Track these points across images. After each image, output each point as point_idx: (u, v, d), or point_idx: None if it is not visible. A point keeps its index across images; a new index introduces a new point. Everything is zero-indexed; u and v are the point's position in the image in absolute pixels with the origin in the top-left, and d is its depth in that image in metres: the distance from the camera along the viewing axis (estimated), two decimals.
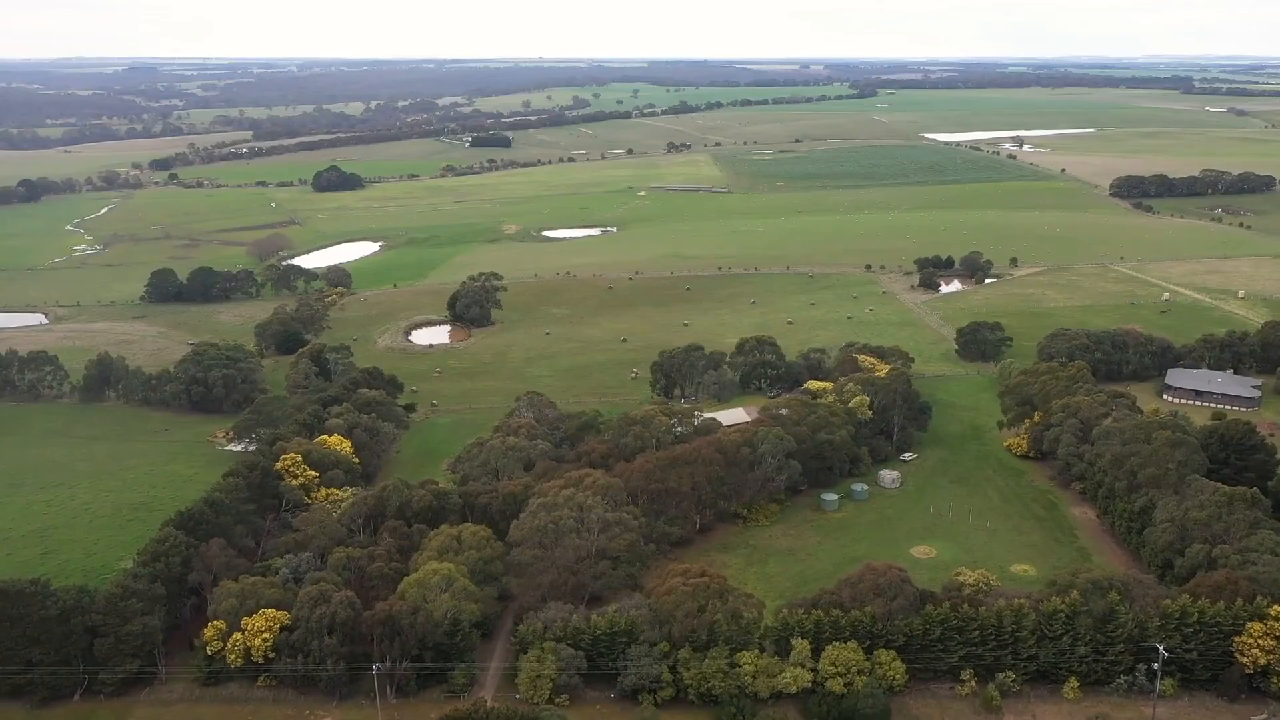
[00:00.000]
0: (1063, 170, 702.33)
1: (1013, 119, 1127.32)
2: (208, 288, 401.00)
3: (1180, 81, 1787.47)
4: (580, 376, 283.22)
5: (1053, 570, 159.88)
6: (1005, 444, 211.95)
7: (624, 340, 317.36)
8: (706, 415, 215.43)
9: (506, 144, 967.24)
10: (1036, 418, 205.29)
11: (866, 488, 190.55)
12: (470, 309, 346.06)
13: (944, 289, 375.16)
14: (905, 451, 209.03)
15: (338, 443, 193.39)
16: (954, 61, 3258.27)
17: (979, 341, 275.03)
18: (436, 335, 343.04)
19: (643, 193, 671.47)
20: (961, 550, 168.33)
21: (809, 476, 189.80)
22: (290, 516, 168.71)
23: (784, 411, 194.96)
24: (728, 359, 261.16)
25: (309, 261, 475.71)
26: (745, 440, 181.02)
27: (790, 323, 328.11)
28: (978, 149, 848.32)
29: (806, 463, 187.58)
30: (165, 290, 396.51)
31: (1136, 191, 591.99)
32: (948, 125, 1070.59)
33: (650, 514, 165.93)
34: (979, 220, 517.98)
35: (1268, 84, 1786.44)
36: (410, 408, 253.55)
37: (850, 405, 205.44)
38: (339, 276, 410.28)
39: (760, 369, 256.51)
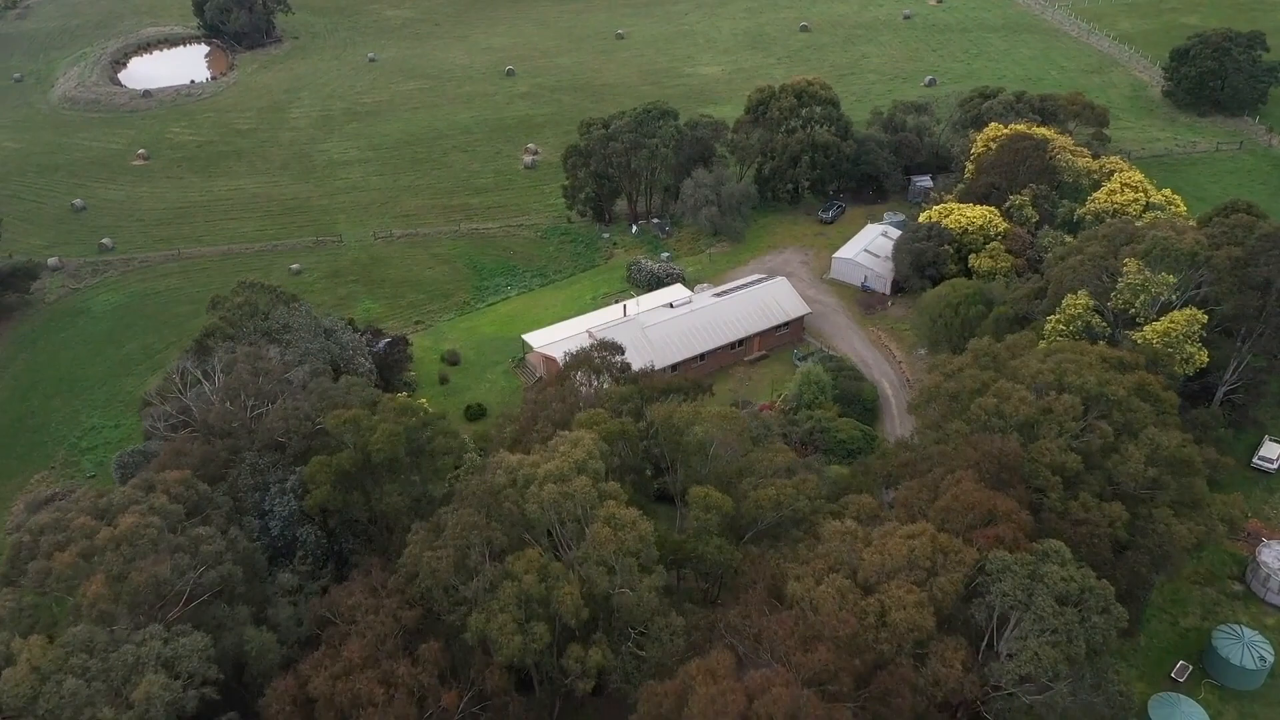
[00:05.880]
0: None
1: None
2: None
3: None
4: (425, 160, 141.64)
5: None
6: None
7: (509, 73, 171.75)
8: (703, 299, 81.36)
9: None
10: None
11: (1270, 659, 59.99)
12: (234, 14, 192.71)
13: None
14: (1260, 449, 77.93)
15: None
16: None
17: (1223, 73, 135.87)
18: (173, 65, 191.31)
19: None
20: None
21: None
22: None
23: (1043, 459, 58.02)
24: (730, 134, 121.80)
25: None
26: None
27: (805, 28, 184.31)
28: None
29: None
30: None
31: None
32: None
33: None
34: None
35: None
36: (30, 271, 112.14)
37: (1171, 348, 70.60)
38: None
39: (802, 157, 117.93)
